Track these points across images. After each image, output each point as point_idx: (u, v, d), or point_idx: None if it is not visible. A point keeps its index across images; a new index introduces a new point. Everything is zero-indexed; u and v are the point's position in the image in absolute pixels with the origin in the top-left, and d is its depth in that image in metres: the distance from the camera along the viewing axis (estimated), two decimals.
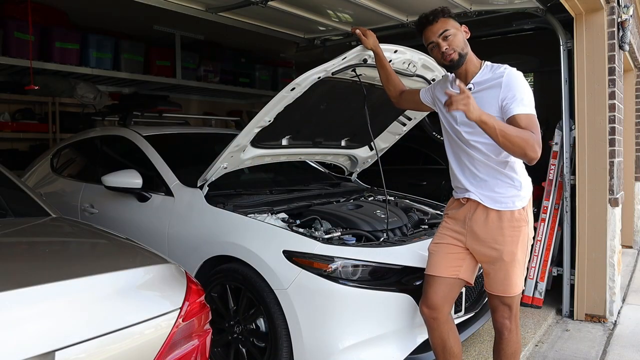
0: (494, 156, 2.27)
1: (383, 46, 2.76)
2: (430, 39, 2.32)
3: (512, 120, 2.12)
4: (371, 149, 3.97)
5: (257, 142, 3.11)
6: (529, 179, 2.37)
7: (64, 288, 1.64)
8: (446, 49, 2.27)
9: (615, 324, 4.00)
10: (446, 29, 2.28)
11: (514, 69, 2.25)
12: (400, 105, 2.84)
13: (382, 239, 2.83)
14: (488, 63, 2.32)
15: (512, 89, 2.16)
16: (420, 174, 5.53)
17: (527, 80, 2.25)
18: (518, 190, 2.28)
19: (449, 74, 2.50)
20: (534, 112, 2.15)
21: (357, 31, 2.71)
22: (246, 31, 4.71)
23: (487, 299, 3.26)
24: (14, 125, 5.72)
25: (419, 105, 2.68)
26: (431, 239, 2.55)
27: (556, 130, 4.25)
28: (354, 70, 2.88)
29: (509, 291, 2.34)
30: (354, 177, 4.25)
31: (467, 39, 2.35)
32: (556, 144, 4.24)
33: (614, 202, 3.98)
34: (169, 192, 3.24)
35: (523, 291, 4.21)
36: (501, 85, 2.18)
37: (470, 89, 2.24)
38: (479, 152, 2.30)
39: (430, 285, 2.42)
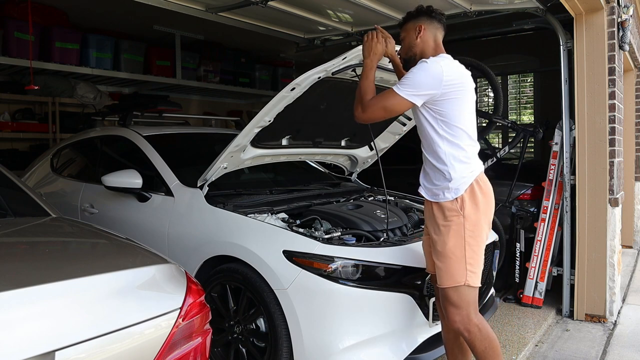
0: (425, 144, 2.39)
1: None
2: None
3: None
4: (371, 149, 3.97)
5: (257, 142, 3.11)
6: (465, 172, 2.31)
7: (64, 288, 1.64)
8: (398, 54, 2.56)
9: (615, 324, 4.00)
10: (401, 36, 2.50)
11: (431, 59, 2.30)
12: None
13: (382, 239, 2.83)
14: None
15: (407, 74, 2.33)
16: None
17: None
18: (448, 182, 2.32)
19: None
20: (401, 92, 2.25)
21: (380, 38, 2.53)
22: (246, 31, 4.71)
23: (487, 297, 3.28)
24: (14, 125, 5.72)
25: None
26: None
27: (556, 130, 4.25)
28: (354, 70, 2.87)
29: (444, 282, 2.32)
30: (354, 177, 4.25)
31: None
32: (556, 144, 4.25)
33: (614, 202, 3.98)
34: (169, 192, 3.24)
35: (522, 292, 4.22)
36: None
37: None
38: (422, 141, 2.42)
39: (433, 280, 2.55)
